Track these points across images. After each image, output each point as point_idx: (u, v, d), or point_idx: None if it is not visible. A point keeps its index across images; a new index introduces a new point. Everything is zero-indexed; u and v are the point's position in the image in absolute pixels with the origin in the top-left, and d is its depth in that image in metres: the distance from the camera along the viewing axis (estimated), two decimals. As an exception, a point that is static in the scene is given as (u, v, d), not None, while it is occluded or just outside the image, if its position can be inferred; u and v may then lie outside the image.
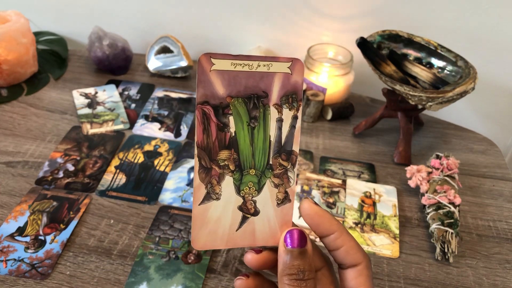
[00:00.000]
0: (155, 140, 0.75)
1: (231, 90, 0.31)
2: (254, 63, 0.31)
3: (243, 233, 0.33)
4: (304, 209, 0.32)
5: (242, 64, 0.31)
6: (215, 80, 0.31)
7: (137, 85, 0.88)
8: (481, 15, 0.82)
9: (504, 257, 0.59)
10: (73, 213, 0.61)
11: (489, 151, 0.78)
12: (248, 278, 0.33)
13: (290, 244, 0.31)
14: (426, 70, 0.75)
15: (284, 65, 0.32)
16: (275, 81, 0.32)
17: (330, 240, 0.33)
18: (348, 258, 0.32)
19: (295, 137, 0.33)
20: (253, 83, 0.32)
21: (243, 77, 0.31)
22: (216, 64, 0.31)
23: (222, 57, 0.31)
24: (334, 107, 0.82)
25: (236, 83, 0.31)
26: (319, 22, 0.89)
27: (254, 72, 0.31)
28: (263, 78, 0.32)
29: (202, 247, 0.33)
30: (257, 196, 0.33)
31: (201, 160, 0.32)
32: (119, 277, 0.54)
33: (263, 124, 0.32)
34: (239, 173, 0.33)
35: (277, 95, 0.32)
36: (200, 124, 0.31)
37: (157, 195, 0.65)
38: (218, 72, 0.31)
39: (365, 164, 0.73)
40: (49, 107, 0.81)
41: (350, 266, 0.33)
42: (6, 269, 0.54)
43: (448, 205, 0.61)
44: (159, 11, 0.95)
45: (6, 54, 0.80)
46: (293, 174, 0.33)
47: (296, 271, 0.30)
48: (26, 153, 0.70)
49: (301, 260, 0.31)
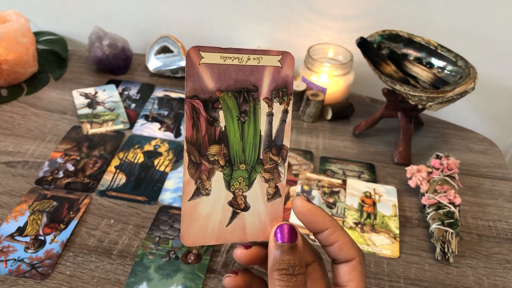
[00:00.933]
0: (155, 140, 0.75)
1: (220, 84, 0.31)
2: (244, 57, 0.31)
3: (234, 229, 0.33)
4: (297, 207, 0.32)
5: (231, 58, 0.31)
6: (205, 73, 0.30)
7: (137, 85, 0.88)
8: (481, 15, 0.82)
9: (504, 257, 0.59)
10: (73, 213, 0.61)
11: (489, 151, 0.78)
12: (237, 275, 0.33)
13: (280, 239, 0.31)
14: (426, 70, 0.74)
15: (274, 58, 0.32)
16: (265, 75, 0.32)
17: (324, 236, 0.33)
18: (341, 254, 0.32)
19: (286, 132, 0.33)
20: (243, 77, 0.31)
21: (232, 70, 0.31)
22: (205, 58, 0.30)
23: (211, 50, 0.30)
24: (334, 107, 0.81)
25: (225, 77, 0.31)
26: (319, 22, 0.89)
27: (244, 65, 0.31)
28: (253, 71, 0.31)
29: (192, 243, 0.33)
30: (248, 191, 0.33)
31: (190, 156, 0.31)
32: (119, 277, 0.54)
33: (254, 119, 0.32)
34: (229, 168, 0.32)
35: (268, 88, 0.32)
36: (189, 119, 0.31)
37: (157, 195, 0.65)
38: (207, 66, 0.30)
39: (365, 164, 0.73)
40: (49, 107, 0.81)
41: (344, 261, 0.33)
42: (6, 269, 0.54)
43: (448, 205, 0.61)
44: (159, 11, 0.95)
45: (6, 54, 0.80)
46: (284, 169, 0.33)
47: (286, 266, 0.30)
48: (26, 153, 0.70)
49: (291, 255, 0.31)
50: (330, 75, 0.81)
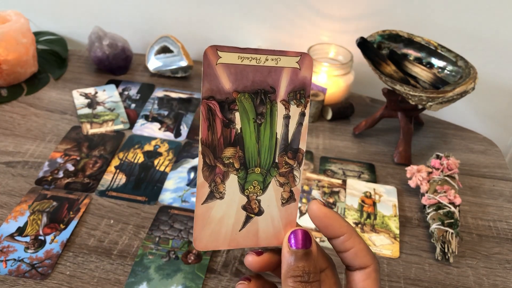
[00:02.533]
0: (155, 140, 0.75)
1: (237, 85, 0.30)
2: (262, 57, 0.30)
3: (246, 233, 0.32)
4: (313, 211, 0.32)
5: (249, 58, 0.30)
6: (221, 74, 0.30)
7: (137, 85, 0.88)
8: (481, 15, 0.82)
9: (504, 257, 0.59)
10: (73, 213, 0.61)
11: (489, 151, 0.78)
12: (250, 282, 0.33)
13: (294, 245, 0.31)
14: (426, 70, 0.74)
15: (292, 59, 0.31)
16: (283, 76, 0.31)
17: (339, 242, 0.32)
18: (357, 260, 0.32)
19: (302, 135, 0.32)
20: (260, 78, 0.30)
21: (250, 71, 0.30)
22: (222, 57, 0.29)
23: (229, 50, 0.29)
24: (334, 107, 0.82)
25: (243, 78, 0.30)
26: (319, 22, 0.89)
27: (262, 66, 0.30)
28: (270, 72, 0.30)
29: (204, 247, 0.32)
30: (262, 195, 0.32)
31: (205, 158, 0.31)
32: (119, 277, 0.54)
33: (270, 121, 0.31)
34: (244, 171, 0.32)
35: (285, 90, 0.31)
36: (205, 120, 0.30)
37: (157, 195, 0.65)
38: (224, 66, 0.30)
39: (365, 164, 0.73)
40: (49, 107, 0.81)
41: (359, 268, 0.32)
42: (6, 269, 0.54)
43: (448, 205, 0.61)
44: (159, 11, 0.95)
45: (6, 54, 0.80)
46: (299, 173, 0.33)
47: (301, 273, 0.30)
48: (26, 153, 0.70)
49: (306, 261, 0.30)
50: (330, 75, 0.81)
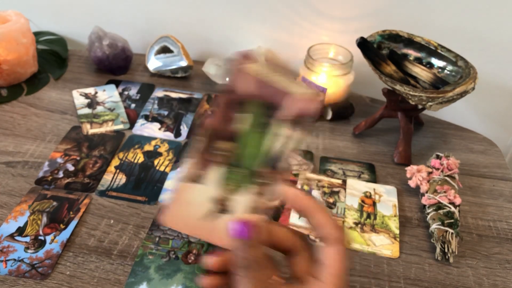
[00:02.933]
0: (155, 140, 0.75)
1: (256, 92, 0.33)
2: (286, 80, 0.34)
3: (206, 226, 0.34)
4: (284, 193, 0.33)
5: (276, 75, 0.34)
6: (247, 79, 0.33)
7: (137, 85, 0.88)
8: (481, 15, 0.82)
9: (504, 257, 0.59)
10: (73, 213, 0.61)
11: (489, 151, 0.78)
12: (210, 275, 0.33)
13: (236, 235, 0.31)
14: (426, 70, 0.74)
15: (310, 91, 0.34)
16: (296, 102, 0.33)
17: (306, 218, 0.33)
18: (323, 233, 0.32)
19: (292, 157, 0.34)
20: (277, 95, 0.33)
21: (271, 86, 0.33)
22: (252, 66, 0.33)
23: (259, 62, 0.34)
24: (334, 107, 0.81)
25: (263, 88, 0.33)
26: (319, 22, 0.89)
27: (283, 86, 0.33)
28: (287, 95, 0.34)
29: (165, 222, 0.34)
30: (235, 196, 0.33)
31: (200, 142, 0.33)
32: (119, 277, 0.54)
33: (270, 134, 0.33)
34: (229, 168, 0.33)
35: (293, 113, 0.33)
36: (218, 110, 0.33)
37: (157, 195, 0.65)
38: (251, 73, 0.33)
39: (365, 164, 0.73)
40: (49, 107, 0.81)
41: (326, 241, 0.32)
42: (6, 269, 0.54)
43: (448, 205, 0.61)
44: (159, 11, 0.95)
45: (6, 54, 0.80)
46: (274, 192, 0.34)
47: (247, 263, 0.30)
48: (26, 153, 0.70)
49: (250, 251, 0.30)
50: (330, 75, 0.81)
